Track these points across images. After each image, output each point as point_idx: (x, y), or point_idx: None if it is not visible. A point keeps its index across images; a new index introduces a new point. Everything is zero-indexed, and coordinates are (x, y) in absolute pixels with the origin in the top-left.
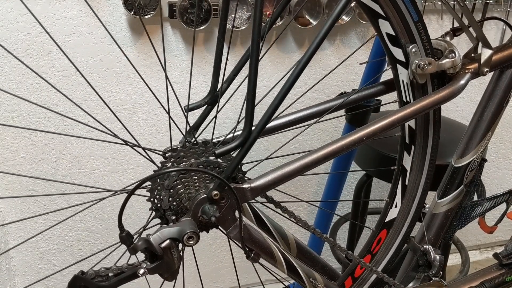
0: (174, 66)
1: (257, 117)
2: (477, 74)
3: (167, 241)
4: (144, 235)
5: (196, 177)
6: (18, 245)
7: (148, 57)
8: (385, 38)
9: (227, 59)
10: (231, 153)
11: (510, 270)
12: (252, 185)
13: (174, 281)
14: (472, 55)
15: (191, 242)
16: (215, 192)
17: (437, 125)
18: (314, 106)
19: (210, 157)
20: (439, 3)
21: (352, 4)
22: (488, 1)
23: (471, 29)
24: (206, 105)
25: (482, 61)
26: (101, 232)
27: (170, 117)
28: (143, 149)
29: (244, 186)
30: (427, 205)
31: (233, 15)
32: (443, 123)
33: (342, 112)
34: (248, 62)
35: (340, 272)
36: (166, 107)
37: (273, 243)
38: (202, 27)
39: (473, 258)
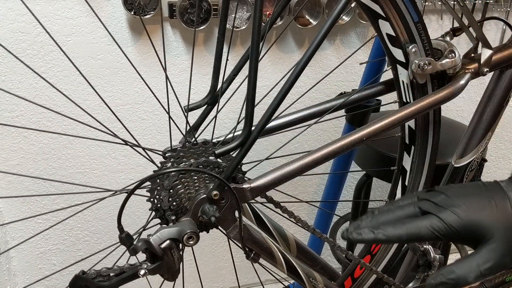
0: (174, 66)
1: (257, 117)
2: (477, 74)
3: (167, 242)
4: (144, 235)
5: (196, 177)
6: (18, 245)
7: (148, 57)
8: (385, 39)
9: (227, 59)
10: (231, 153)
11: (510, 270)
12: (252, 185)
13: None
14: (472, 55)
15: (191, 242)
16: (215, 192)
17: (437, 125)
18: (314, 106)
19: (210, 157)
20: (439, 3)
21: (352, 4)
22: (488, 1)
23: (471, 29)
24: (206, 105)
25: (482, 61)
26: (101, 232)
27: (170, 117)
28: (143, 149)
29: (244, 186)
30: None
31: (233, 15)
32: (443, 123)
33: (342, 112)
34: (248, 62)
35: (340, 272)
36: (166, 107)
37: (273, 243)
38: (202, 27)
39: None
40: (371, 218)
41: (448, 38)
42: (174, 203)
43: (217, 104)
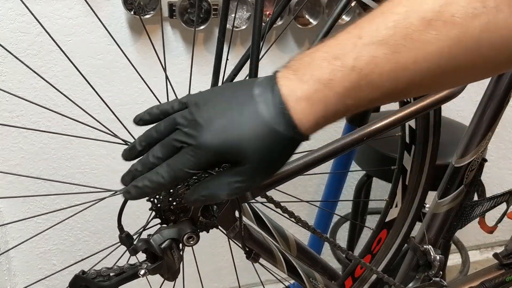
0: (174, 66)
1: None
2: None
3: (167, 242)
4: (144, 235)
5: (196, 177)
6: (18, 245)
7: (148, 57)
8: None
9: (227, 59)
10: None
11: (510, 270)
12: None
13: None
14: None
15: (191, 242)
16: None
17: (437, 125)
18: None
19: None
20: None
21: (352, 4)
22: None
23: None
24: None
25: None
26: (101, 232)
27: None
28: None
29: None
30: (427, 205)
31: (233, 15)
32: (443, 123)
33: None
34: (248, 62)
35: (340, 272)
36: None
37: (273, 243)
38: (202, 27)
39: (473, 258)
40: (141, 165)
41: None
42: (174, 203)
43: None
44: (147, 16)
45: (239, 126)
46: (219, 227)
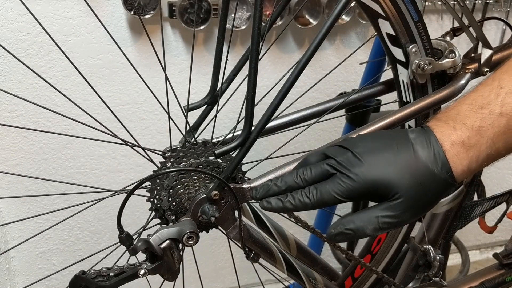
0: (174, 66)
1: (257, 117)
2: (477, 74)
3: (167, 242)
4: (144, 235)
5: (195, 177)
6: (18, 245)
7: (148, 57)
8: (385, 38)
9: (227, 59)
10: (231, 153)
11: (510, 270)
12: (252, 185)
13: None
14: (472, 55)
15: (191, 242)
16: (214, 192)
17: None
18: (314, 106)
19: (210, 157)
20: (439, 3)
21: (352, 4)
22: (488, 1)
23: (471, 29)
24: (206, 105)
25: (482, 61)
26: (101, 232)
27: (169, 117)
28: (143, 149)
29: (243, 186)
30: None
31: (233, 15)
32: None
33: (342, 112)
34: (248, 62)
35: (340, 272)
36: (166, 107)
37: (273, 243)
38: (202, 27)
39: (473, 258)
40: (281, 180)
41: (448, 38)
42: (174, 203)
43: (216, 104)
44: (147, 16)
45: (396, 163)
46: (219, 227)
